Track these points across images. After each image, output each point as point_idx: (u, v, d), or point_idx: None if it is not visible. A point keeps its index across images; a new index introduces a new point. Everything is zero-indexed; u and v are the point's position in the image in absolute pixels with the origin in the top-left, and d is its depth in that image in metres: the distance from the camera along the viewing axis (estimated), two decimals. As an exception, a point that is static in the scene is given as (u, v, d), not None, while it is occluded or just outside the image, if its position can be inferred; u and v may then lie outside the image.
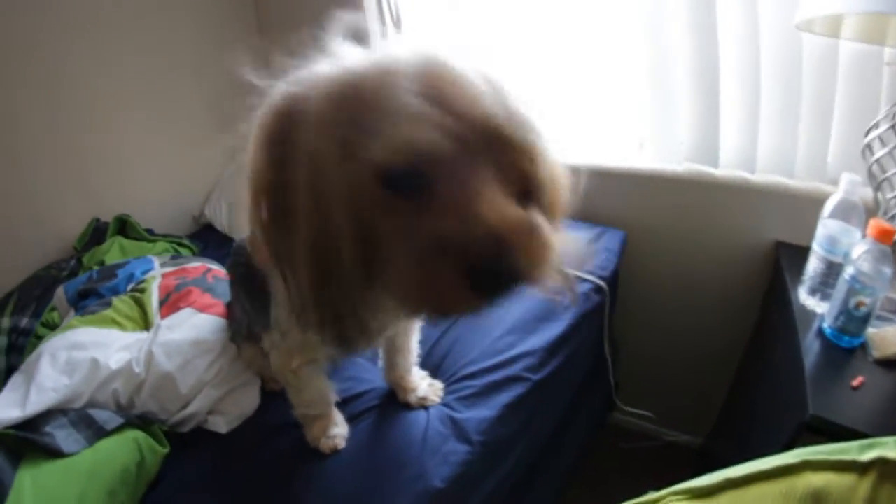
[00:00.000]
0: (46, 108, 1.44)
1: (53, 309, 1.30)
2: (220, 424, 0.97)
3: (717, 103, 1.13)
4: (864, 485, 0.49)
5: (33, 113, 1.41)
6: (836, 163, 1.06)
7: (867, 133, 0.91)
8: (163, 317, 1.08)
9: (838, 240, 0.92)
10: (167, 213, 1.72)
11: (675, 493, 0.57)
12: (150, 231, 1.57)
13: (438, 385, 1.00)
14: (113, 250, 1.43)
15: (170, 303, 1.10)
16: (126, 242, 1.48)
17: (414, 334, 0.97)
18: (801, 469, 0.51)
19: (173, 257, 1.37)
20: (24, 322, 1.29)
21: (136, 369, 0.97)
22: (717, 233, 1.25)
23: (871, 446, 0.50)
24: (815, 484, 0.51)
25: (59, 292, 1.25)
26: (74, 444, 0.86)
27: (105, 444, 0.88)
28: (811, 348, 0.89)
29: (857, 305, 0.84)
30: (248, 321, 0.98)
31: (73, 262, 1.43)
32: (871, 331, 0.87)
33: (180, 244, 1.58)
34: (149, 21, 1.62)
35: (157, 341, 1.01)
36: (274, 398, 1.02)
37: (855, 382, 0.81)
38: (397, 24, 1.55)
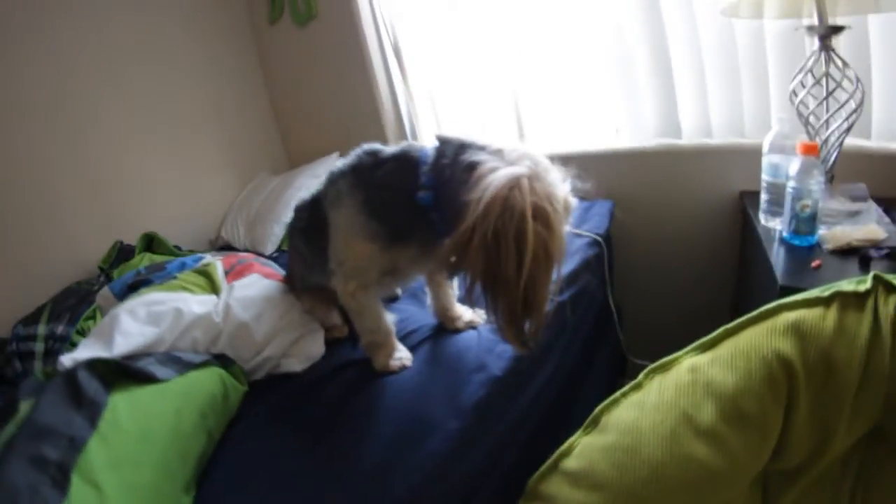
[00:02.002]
0: (73, 140, 1.59)
1: (90, 318, 1.36)
2: (294, 364, 1.07)
3: (673, 86, 1.42)
4: (831, 313, 0.69)
5: (61, 141, 1.56)
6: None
7: (792, 80, 1.18)
8: (229, 283, 1.19)
9: (779, 165, 1.16)
10: (185, 237, 1.82)
11: (689, 352, 0.75)
12: (177, 247, 1.66)
13: (480, 311, 1.12)
14: (143, 264, 1.48)
15: (234, 272, 1.21)
16: (156, 257, 1.55)
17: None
18: (778, 311, 0.74)
19: (217, 254, 1.46)
20: (60, 329, 1.35)
21: (216, 319, 1.06)
22: (690, 192, 1.48)
23: (828, 288, 0.71)
24: (791, 318, 0.71)
25: (104, 292, 1.30)
26: (165, 373, 0.92)
27: (194, 374, 0.95)
28: (778, 254, 1.09)
29: (803, 208, 1.06)
30: (305, 273, 1.12)
31: (101, 279, 1.50)
32: (822, 231, 1.09)
33: (209, 259, 1.66)
34: (171, 59, 1.83)
35: (232, 297, 1.11)
36: (338, 346, 1.14)
37: (814, 264, 1.01)
38: (397, 53, 1.83)
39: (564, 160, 0.88)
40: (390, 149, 0.95)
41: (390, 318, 1.05)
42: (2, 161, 1.45)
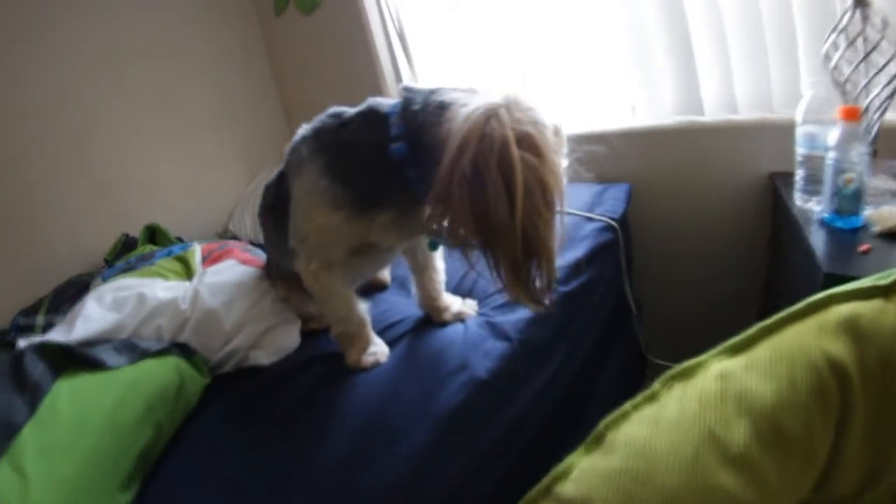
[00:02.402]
0: (79, 133, 1.58)
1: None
2: (262, 357, 0.99)
3: (692, 58, 1.28)
4: (893, 306, 0.55)
5: (67, 138, 1.55)
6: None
7: (825, 42, 1.04)
8: (205, 268, 1.13)
9: (816, 135, 1.01)
10: (192, 230, 1.78)
11: (717, 354, 0.61)
12: (179, 239, 1.62)
13: (471, 302, 1.03)
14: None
15: (212, 258, 1.16)
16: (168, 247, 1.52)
17: (437, 253, 1.01)
18: (827, 303, 0.58)
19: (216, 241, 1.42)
20: (58, 319, 1.27)
21: (182, 306, 1.00)
22: (715, 173, 1.34)
23: (887, 275, 0.56)
24: (844, 313, 0.56)
25: (97, 282, 1.28)
26: (117, 361, 0.88)
27: (147, 363, 0.90)
28: (817, 237, 0.95)
29: (846, 183, 0.92)
30: (278, 258, 1.03)
31: (105, 270, 1.47)
32: (868, 212, 0.95)
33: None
34: (177, 53, 1.82)
35: (202, 282, 1.05)
36: (314, 338, 1.05)
37: (862, 248, 0.87)
38: (401, 37, 1.75)
39: (577, 141, 0.79)
40: (355, 108, 0.85)
41: (363, 306, 0.95)
42: (7, 155, 1.45)
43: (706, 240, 1.42)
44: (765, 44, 1.21)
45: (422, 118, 0.76)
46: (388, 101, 0.82)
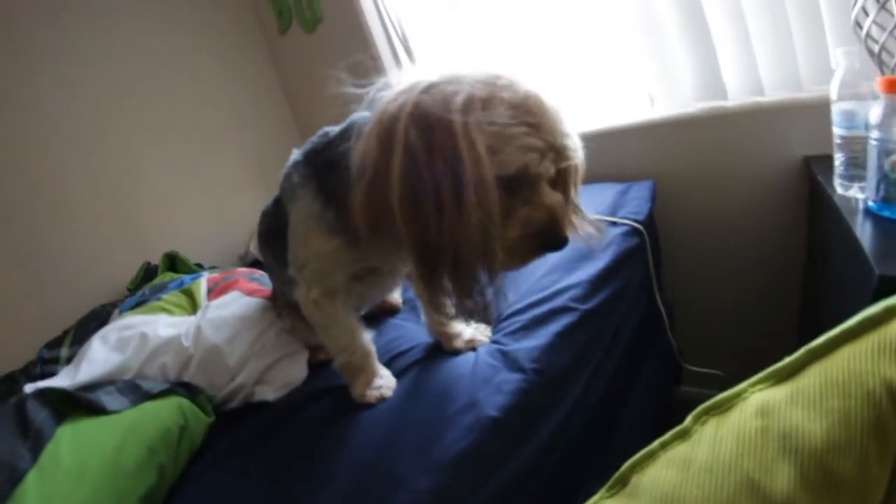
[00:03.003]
0: (96, 158, 1.60)
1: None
2: (268, 393, 0.96)
3: (710, 37, 1.18)
4: None
5: (84, 167, 1.58)
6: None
7: (853, 7, 0.93)
8: (210, 301, 1.10)
9: (855, 113, 0.89)
10: (213, 253, 1.80)
11: (757, 383, 0.53)
12: (198, 265, 1.64)
13: (484, 326, 0.96)
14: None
15: (217, 290, 1.14)
16: (181, 276, 1.52)
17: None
18: (887, 318, 0.48)
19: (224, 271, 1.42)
20: None
21: (185, 343, 0.98)
22: (744, 162, 1.23)
23: None
24: None
25: (115, 314, 1.29)
26: (118, 404, 0.87)
27: (148, 405, 0.88)
28: (863, 230, 0.83)
29: (894, 166, 0.80)
30: (281, 286, 1.00)
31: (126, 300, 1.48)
32: None
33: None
34: (188, 76, 1.84)
35: (205, 318, 1.03)
36: (322, 369, 1.01)
37: None
38: (405, 43, 1.71)
39: (593, 139, 0.72)
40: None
41: (368, 335, 0.90)
42: (24, 184, 1.48)
43: (738, 233, 1.31)
44: (786, 15, 1.09)
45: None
46: (366, 114, 0.76)
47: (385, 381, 0.87)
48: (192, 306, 1.13)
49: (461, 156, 0.59)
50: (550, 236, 0.67)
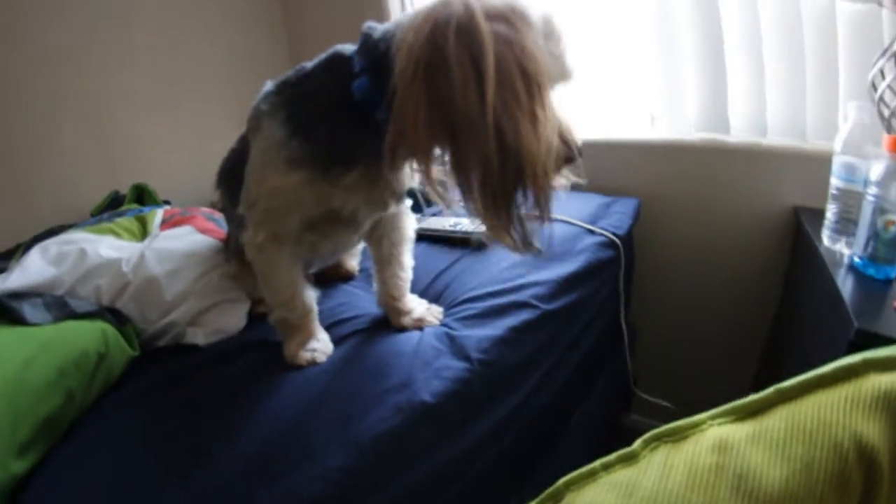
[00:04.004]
0: (86, 88, 1.53)
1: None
2: (199, 336, 0.91)
3: (724, 70, 1.16)
4: None
5: (73, 91, 1.50)
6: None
7: (872, 68, 0.92)
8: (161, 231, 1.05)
9: (856, 167, 0.89)
10: (185, 194, 1.71)
11: (718, 416, 0.49)
12: (166, 202, 1.57)
13: (437, 308, 0.93)
14: None
15: (172, 222, 1.09)
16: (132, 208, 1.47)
17: (406, 246, 0.92)
18: (864, 370, 0.45)
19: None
20: None
21: (125, 269, 0.93)
22: (734, 200, 1.22)
23: None
24: (883, 386, 0.44)
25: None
26: (40, 317, 0.81)
27: (70, 324, 0.82)
28: (845, 284, 0.82)
29: (886, 226, 0.79)
30: (233, 229, 0.95)
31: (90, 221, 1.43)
32: None
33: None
34: (195, 18, 1.77)
35: (150, 247, 0.97)
36: (261, 322, 0.95)
37: None
38: None
39: (586, 148, 0.69)
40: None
41: (312, 293, 0.85)
42: (11, 101, 1.42)
43: (715, 269, 1.29)
44: (804, 64, 1.08)
45: (384, 45, 0.64)
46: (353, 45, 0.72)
47: (321, 346, 0.82)
48: (143, 234, 1.07)
49: (536, 57, 0.57)
50: (572, 145, 0.65)
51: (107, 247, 0.97)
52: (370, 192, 0.75)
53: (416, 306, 0.91)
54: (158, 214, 1.11)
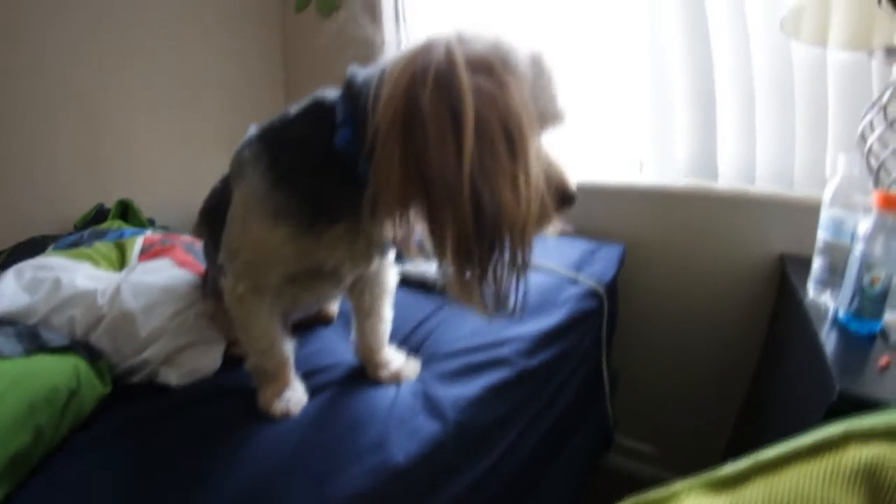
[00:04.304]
0: (72, 92, 1.53)
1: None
2: (172, 376, 0.88)
3: (714, 117, 1.17)
4: None
5: (58, 96, 1.51)
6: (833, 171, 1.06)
7: (861, 120, 0.92)
8: (140, 262, 1.03)
9: (844, 221, 0.89)
10: (170, 214, 1.72)
11: (695, 487, 0.48)
12: (150, 221, 1.58)
13: (415, 362, 0.90)
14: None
15: (151, 252, 1.07)
16: (125, 226, 1.46)
17: (387, 299, 0.90)
18: (844, 442, 0.44)
19: (167, 234, 1.34)
20: None
21: (100, 301, 0.91)
22: (720, 247, 1.21)
23: None
24: (864, 459, 0.43)
25: (49, 250, 1.20)
26: (10, 349, 0.79)
27: (41, 359, 0.80)
28: (828, 339, 0.81)
29: (872, 282, 0.78)
30: (212, 269, 0.93)
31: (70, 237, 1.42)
32: (889, 317, 0.81)
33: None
34: (193, 35, 1.79)
35: (128, 279, 0.95)
36: (236, 365, 0.91)
37: (882, 362, 0.73)
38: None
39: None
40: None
41: (289, 344, 0.82)
42: (6, 104, 1.43)
43: (698, 315, 1.29)
44: (794, 113, 1.09)
45: (366, 93, 0.60)
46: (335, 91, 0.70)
47: (295, 396, 0.80)
48: (121, 262, 1.06)
49: (520, 114, 0.54)
50: (566, 190, 0.63)
51: (83, 276, 0.95)
52: (354, 247, 0.73)
53: (394, 359, 0.88)
54: (138, 242, 1.09)
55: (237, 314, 0.79)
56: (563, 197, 0.63)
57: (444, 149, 0.52)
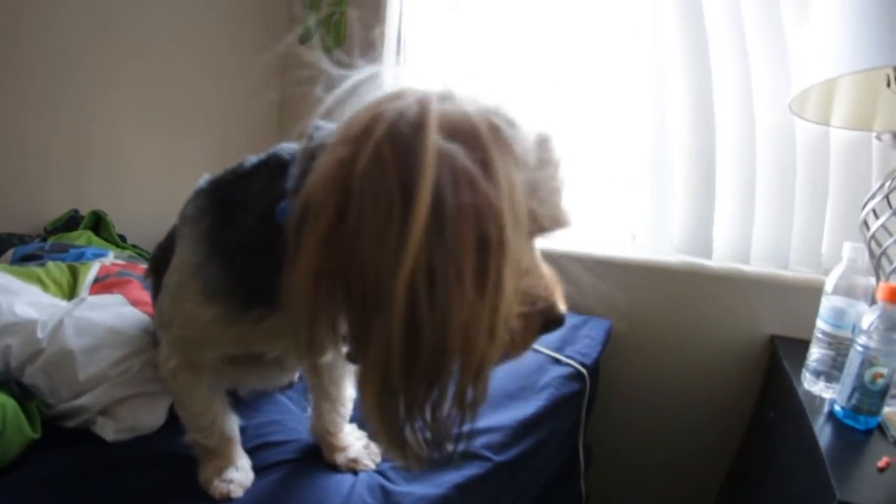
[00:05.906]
0: (63, 93, 1.49)
1: (-4, 269, 1.19)
2: (108, 430, 0.79)
3: (713, 194, 1.14)
4: None
5: (45, 94, 1.46)
6: (830, 254, 1.03)
7: (864, 206, 0.90)
8: (91, 293, 0.96)
9: (845, 312, 0.85)
10: (142, 233, 1.64)
11: None
12: (121, 237, 1.52)
13: (375, 448, 0.81)
14: (80, 241, 1.35)
15: (104, 283, 0.99)
16: (95, 240, 1.41)
17: (347, 380, 0.81)
18: None
19: (132, 258, 1.28)
20: None
21: (39, 334, 0.83)
22: (709, 326, 1.18)
23: None
24: None
25: (7, 254, 1.14)
26: None
27: None
28: (823, 433, 0.77)
29: (874, 378, 0.75)
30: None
31: (38, 241, 1.35)
32: (887, 410, 0.78)
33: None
34: (194, 52, 1.76)
35: (72, 313, 0.87)
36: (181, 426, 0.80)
37: (881, 463, 0.69)
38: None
39: (559, 260, 0.59)
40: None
41: (235, 421, 0.73)
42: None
43: (681, 394, 1.25)
44: (794, 195, 1.07)
45: (320, 153, 0.44)
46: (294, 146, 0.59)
47: (239, 477, 0.71)
48: (71, 289, 0.98)
49: (500, 202, 0.39)
50: (553, 312, 0.51)
51: (24, 303, 0.87)
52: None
53: (353, 443, 0.79)
54: (93, 270, 1.02)
55: (172, 389, 0.70)
56: (546, 322, 0.51)
57: (380, 235, 0.37)
